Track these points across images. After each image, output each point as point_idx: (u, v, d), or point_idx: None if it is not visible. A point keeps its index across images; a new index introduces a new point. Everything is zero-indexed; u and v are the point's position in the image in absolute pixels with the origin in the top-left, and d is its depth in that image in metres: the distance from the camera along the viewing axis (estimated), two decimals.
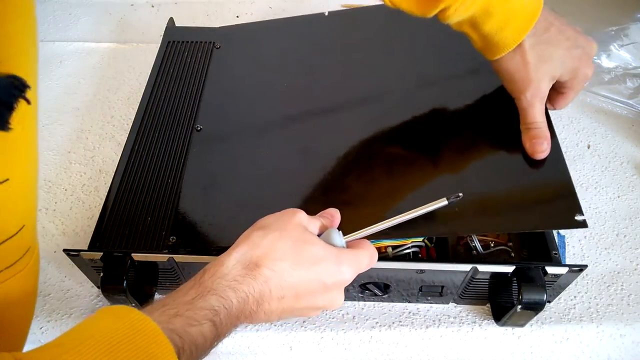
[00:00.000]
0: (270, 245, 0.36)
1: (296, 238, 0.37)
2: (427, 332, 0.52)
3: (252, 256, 0.36)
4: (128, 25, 0.88)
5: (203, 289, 0.34)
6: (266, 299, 0.35)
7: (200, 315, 0.32)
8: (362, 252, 0.39)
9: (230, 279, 0.34)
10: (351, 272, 0.38)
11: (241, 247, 0.36)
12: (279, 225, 0.38)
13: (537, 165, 0.50)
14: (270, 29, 0.70)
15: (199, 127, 0.58)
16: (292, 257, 0.36)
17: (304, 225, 0.39)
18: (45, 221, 0.61)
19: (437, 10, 0.44)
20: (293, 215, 0.39)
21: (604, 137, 0.69)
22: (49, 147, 0.69)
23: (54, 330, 0.53)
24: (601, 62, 0.78)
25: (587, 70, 0.49)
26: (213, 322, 0.32)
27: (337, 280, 0.38)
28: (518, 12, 0.45)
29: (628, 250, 0.58)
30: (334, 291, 0.38)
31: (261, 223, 0.39)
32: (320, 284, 0.37)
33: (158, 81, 0.64)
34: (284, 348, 0.52)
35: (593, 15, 0.86)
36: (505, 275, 0.47)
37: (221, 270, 0.35)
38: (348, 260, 0.38)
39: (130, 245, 0.49)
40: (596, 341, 0.52)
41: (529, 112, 0.49)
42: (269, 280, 0.35)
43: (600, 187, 0.64)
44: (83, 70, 0.79)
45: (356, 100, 0.59)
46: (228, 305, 0.33)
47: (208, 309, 0.32)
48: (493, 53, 0.48)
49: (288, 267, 0.36)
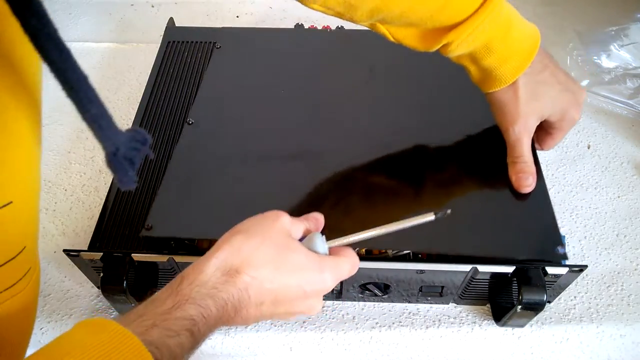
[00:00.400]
0: (251, 251, 0.36)
1: (278, 244, 0.37)
2: (427, 332, 0.52)
3: (233, 263, 0.35)
4: (128, 25, 0.88)
5: (181, 298, 0.33)
6: (244, 305, 0.35)
7: (178, 326, 0.31)
8: (344, 260, 0.39)
9: (210, 287, 0.34)
10: (332, 280, 0.38)
11: (221, 253, 0.35)
12: (261, 230, 0.37)
13: (522, 198, 0.51)
14: (273, 36, 0.70)
15: (190, 120, 0.57)
16: (273, 265, 0.36)
17: (287, 230, 0.38)
18: (45, 221, 0.61)
19: (440, 45, 0.46)
20: (276, 219, 0.38)
21: (604, 137, 0.69)
22: (49, 147, 0.69)
23: (54, 330, 0.53)
24: (601, 62, 0.78)
25: (575, 114, 0.51)
26: (191, 332, 0.32)
27: (318, 289, 0.37)
28: (517, 50, 0.47)
29: (628, 250, 0.58)
30: (314, 298, 0.38)
31: (242, 226, 0.38)
32: (301, 292, 0.37)
33: (158, 81, 0.64)
34: (284, 349, 0.52)
35: (593, 15, 0.87)
36: (506, 276, 0.47)
37: (200, 278, 0.34)
38: (329, 268, 0.38)
39: (130, 245, 0.49)
40: (596, 341, 0.52)
41: (516, 146, 0.50)
42: (249, 288, 0.35)
43: (600, 187, 0.64)
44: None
45: (350, 110, 0.59)
46: (207, 314, 0.33)
47: (187, 319, 0.32)
48: (489, 87, 0.50)
49: (269, 274, 0.35)
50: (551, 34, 0.83)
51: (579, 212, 0.61)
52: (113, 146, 0.30)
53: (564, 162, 0.67)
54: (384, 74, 0.63)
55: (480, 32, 0.44)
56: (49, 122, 0.71)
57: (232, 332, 0.52)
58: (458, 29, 0.44)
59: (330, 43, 0.68)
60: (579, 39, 0.82)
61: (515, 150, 0.51)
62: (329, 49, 0.67)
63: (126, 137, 0.31)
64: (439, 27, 0.45)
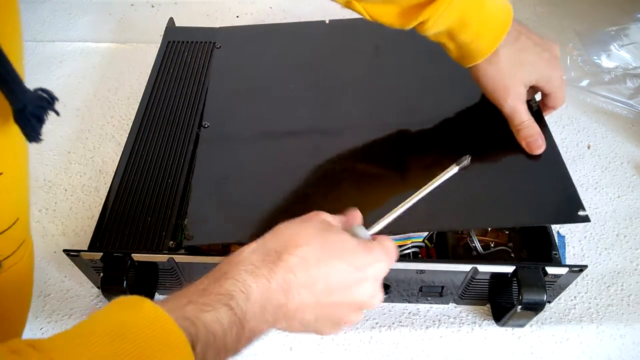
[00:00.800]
0: (292, 234, 0.34)
1: (321, 228, 0.35)
2: (427, 332, 0.52)
3: (274, 245, 0.33)
4: (128, 25, 0.88)
5: (217, 275, 0.31)
6: (294, 286, 0.32)
7: (214, 300, 0.29)
8: (388, 242, 0.37)
9: (248, 264, 0.32)
10: (385, 260, 0.36)
11: (261, 239, 0.34)
12: (301, 220, 0.36)
13: (536, 164, 0.50)
14: (272, 32, 0.70)
15: (206, 124, 0.57)
16: (318, 244, 0.33)
17: (327, 220, 0.37)
18: (45, 221, 0.61)
19: (417, 22, 0.46)
20: (316, 214, 0.37)
21: (604, 137, 0.69)
22: (49, 147, 0.69)
23: (54, 331, 0.53)
24: (601, 62, 0.78)
25: (558, 73, 0.52)
26: (229, 307, 0.29)
27: (374, 271, 0.35)
28: (492, 21, 0.47)
29: (628, 250, 0.58)
30: (371, 282, 0.35)
31: (283, 224, 0.36)
32: (354, 274, 0.34)
33: (158, 81, 0.64)
34: (284, 349, 0.52)
35: (593, 15, 0.87)
36: (505, 276, 0.47)
37: (237, 258, 0.32)
38: (377, 247, 0.36)
39: (130, 245, 0.49)
40: (596, 341, 0.52)
41: (514, 116, 0.51)
42: (294, 267, 0.32)
43: (601, 188, 0.64)
44: (83, 70, 0.79)
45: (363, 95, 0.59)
46: (246, 289, 0.30)
47: (222, 294, 0.30)
48: (469, 61, 0.50)
49: (314, 252, 0.33)
50: (551, 34, 0.83)
51: None
52: (21, 104, 0.30)
53: None
54: (388, 56, 0.64)
55: (455, 6, 0.45)
56: (49, 122, 0.71)
57: None
58: (434, 4, 0.44)
59: (328, 34, 0.68)
60: (579, 39, 0.82)
61: (514, 119, 0.51)
62: (328, 40, 0.67)
63: (33, 95, 0.31)
64: (415, 4, 0.45)
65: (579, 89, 0.75)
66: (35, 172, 0.66)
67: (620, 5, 0.87)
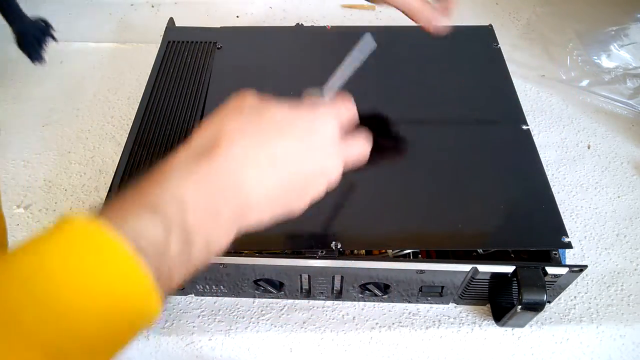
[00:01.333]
0: (221, 124, 0.31)
1: (249, 111, 0.32)
2: (427, 332, 0.52)
3: (203, 143, 0.30)
4: (128, 25, 0.88)
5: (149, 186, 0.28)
6: (239, 166, 0.29)
7: (142, 211, 0.26)
8: (338, 101, 0.35)
9: (181, 170, 0.29)
10: (330, 120, 0.33)
11: (185, 144, 0.31)
12: (224, 106, 0.33)
13: (523, 188, 0.51)
14: (273, 34, 0.70)
15: None
16: (253, 124, 0.31)
17: (254, 101, 0.34)
18: (46, 221, 0.61)
19: None
20: (241, 97, 0.34)
21: (604, 137, 0.69)
22: (49, 147, 0.69)
23: None
24: (601, 62, 0.78)
25: None
26: (161, 215, 0.26)
27: (318, 137, 0.33)
28: None
29: (628, 250, 0.58)
30: (320, 149, 0.33)
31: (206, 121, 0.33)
32: (298, 146, 0.32)
33: (158, 81, 0.64)
34: (284, 350, 0.52)
35: (593, 15, 0.87)
36: (505, 276, 0.47)
37: (167, 167, 0.29)
38: (322, 108, 0.34)
39: None
40: (596, 342, 0.52)
41: (405, 5, 0.49)
42: (231, 149, 0.29)
43: (601, 187, 0.64)
44: (83, 70, 0.79)
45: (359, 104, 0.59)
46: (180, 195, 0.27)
47: (152, 204, 0.27)
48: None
49: (251, 133, 0.30)
50: (551, 34, 0.84)
51: (579, 212, 0.61)
52: (22, 27, 0.31)
53: (564, 162, 0.67)
54: (388, 60, 0.64)
55: None
56: (49, 122, 0.71)
57: (233, 332, 0.52)
58: None
59: (330, 40, 0.68)
60: (579, 39, 0.82)
61: (411, 10, 0.49)
62: (329, 43, 0.67)
63: (33, 22, 0.32)
64: None
65: (579, 89, 0.75)
66: (35, 172, 0.66)
67: (620, 5, 0.87)
